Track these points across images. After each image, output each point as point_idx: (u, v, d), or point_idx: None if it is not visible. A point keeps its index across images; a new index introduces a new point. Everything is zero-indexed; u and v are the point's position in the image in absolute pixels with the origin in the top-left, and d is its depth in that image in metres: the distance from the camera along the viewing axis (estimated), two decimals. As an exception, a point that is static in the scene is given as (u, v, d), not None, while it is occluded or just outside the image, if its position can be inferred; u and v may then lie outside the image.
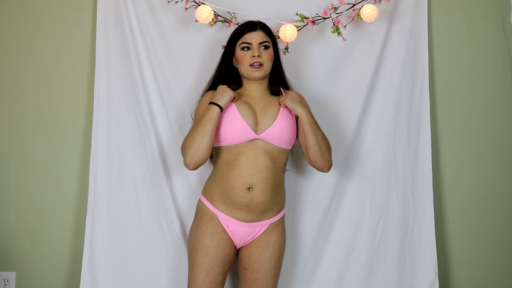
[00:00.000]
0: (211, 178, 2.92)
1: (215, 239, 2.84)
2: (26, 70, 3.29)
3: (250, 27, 2.90)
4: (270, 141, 2.85)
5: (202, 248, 2.84)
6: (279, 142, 2.86)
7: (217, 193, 2.87)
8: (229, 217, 2.86)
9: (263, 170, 2.83)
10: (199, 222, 2.89)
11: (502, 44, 3.35)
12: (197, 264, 2.83)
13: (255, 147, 2.84)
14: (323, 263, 3.19)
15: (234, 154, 2.84)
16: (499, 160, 3.36)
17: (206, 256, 2.83)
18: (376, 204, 3.21)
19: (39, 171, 3.27)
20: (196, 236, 2.87)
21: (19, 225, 3.27)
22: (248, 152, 2.83)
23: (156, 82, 3.19)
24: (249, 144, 2.84)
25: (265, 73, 2.91)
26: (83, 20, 3.28)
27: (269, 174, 2.84)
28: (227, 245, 2.86)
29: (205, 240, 2.84)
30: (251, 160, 2.83)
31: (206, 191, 2.92)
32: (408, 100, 3.25)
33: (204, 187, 2.94)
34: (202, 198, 2.92)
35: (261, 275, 2.89)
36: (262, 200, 2.84)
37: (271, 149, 2.86)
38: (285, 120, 2.88)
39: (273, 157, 2.86)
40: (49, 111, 3.28)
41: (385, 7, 3.20)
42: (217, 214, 2.87)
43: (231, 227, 2.87)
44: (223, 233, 2.86)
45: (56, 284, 3.25)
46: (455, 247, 3.34)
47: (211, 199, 2.88)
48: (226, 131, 2.83)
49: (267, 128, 2.86)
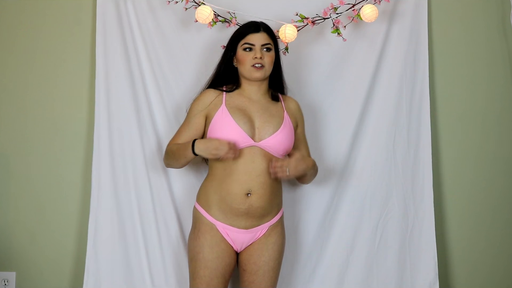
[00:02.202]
0: (207, 184, 2.90)
1: (214, 251, 2.83)
2: (26, 70, 3.29)
3: (253, 28, 2.89)
4: (268, 150, 2.85)
5: (201, 261, 2.83)
6: (276, 151, 2.86)
7: (215, 200, 2.86)
8: (228, 226, 2.85)
9: (261, 174, 2.83)
10: (197, 232, 2.87)
11: (502, 44, 3.35)
12: (197, 276, 2.83)
13: (253, 151, 2.84)
14: (323, 263, 3.18)
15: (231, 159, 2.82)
16: (499, 160, 3.36)
17: (206, 268, 2.83)
18: (376, 204, 3.21)
19: (39, 171, 3.27)
20: (195, 247, 2.86)
21: (19, 225, 3.27)
22: (246, 156, 2.82)
23: (156, 82, 3.19)
24: (246, 149, 2.83)
25: (266, 75, 2.90)
26: (83, 20, 3.28)
27: (267, 178, 2.84)
28: (227, 255, 2.86)
29: (204, 252, 2.83)
30: (249, 164, 2.82)
31: (202, 199, 2.90)
32: (408, 100, 3.24)
33: (200, 193, 2.92)
34: (198, 207, 2.90)
35: (260, 277, 2.88)
36: (261, 205, 2.84)
37: (268, 155, 2.86)
38: (286, 133, 2.88)
39: (271, 161, 2.84)
40: (49, 111, 3.28)
41: (385, 7, 3.20)
42: (215, 223, 2.86)
43: (231, 235, 2.86)
44: (223, 243, 2.85)
45: (56, 284, 3.25)
46: (455, 247, 3.34)
47: (207, 208, 2.87)
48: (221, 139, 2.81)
49: (268, 137, 2.85)
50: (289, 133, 2.90)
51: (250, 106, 2.90)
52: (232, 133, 2.81)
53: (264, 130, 2.86)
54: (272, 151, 2.86)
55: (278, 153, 2.87)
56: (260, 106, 2.91)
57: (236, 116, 2.84)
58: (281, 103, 2.97)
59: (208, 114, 2.90)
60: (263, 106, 2.91)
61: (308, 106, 3.21)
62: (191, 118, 2.92)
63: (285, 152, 2.91)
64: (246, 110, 2.88)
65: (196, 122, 2.91)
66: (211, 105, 2.89)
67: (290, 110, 2.98)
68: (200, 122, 2.90)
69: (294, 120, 2.97)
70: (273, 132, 2.86)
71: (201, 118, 2.90)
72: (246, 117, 2.86)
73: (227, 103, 2.88)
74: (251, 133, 2.85)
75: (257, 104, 2.91)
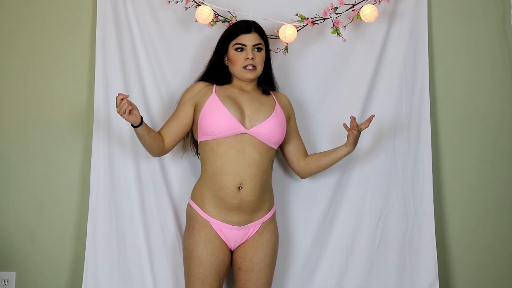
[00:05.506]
0: (201, 182, 2.93)
1: (208, 247, 2.85)
2: (26, 70, 3.29)
3: (244, 28, 2.92)
4: (259, 137, 2.87)
5: (196, 258, 2.85)
6: (267, 139, 2.88)
7: (209, 197, 2.88)
8: (222, 222, 2.87)
9: (252, 165, 2.85)
10: (191, 230, 2.89)
11: (502, 44, 3.35)
12: (192, 273, 2.85)
13: (244, 140, 2.86)
14: (323, 263, 3.18)
15: (222, 149, 2.85)
16: (499, 160, 3.36)
17: (200, 265, 2.84)
18: (376, 204, 3.21)
19: (39, 171, 3.27)
20: (190, 244, 2.88)
21: (19, 225, 3.27)
22: (237, 145, 2.85)
23: (156, 82, 3.19)
24: (237, 137, 2.85)
25: (257, 75, 2.94)
26: (83, 20, 3.28)
27: (257, 170, 2.86)
28: (221, 252, 2.87)
29: (199, 249, 2.85)
30: (240, 154, 2.85)
31: (196, 197, 2.92)
32: (408, 100, 3.24)
33: (194, 191, 2.95)
34: (193, 204, 2.92)
35: (256, 274, 2.90)
36: (252, 199, 2.86)
37: (260, 144, 2.87)
38: (277, 120, 2.91)
39: (262, 152, 2.88)
40: (49, 111, 3.27)
41: (385, 7, 3.20)
42: (209, 220, 2.88)
43: (225, 232, 2.88)
44: (217, 240, 2.87)
45: (56, 284, 3.25)
46: (455, 247, 3.34)
47: (202, 205, 2.89)
48: (212, 125, 2.85)
49: (258, 124, 2.88)
50: (280, 121, 2.92)
51: (240, 96, 2.94)
52: (223, 120, 2.84)
53: (254, 118, 2.89)
54: (264, 139, 2.88)
55: (270, 141, 2.89)
56: (251, 96, 2.95)
57: (227, 103, 2.88)
58: (272, 96, 3.01)
59: (197, 103, 2.93)
60: (253, 97, 2.96)
61: (308, 106, 3.21)
62: (179, 107, 2.96)
63: (278, 141, 2.93)
64: (237, 99, 2.92)
65: (184, 111, 2.93)
66: (200, 94, 2.93)
67: (282, 102, 3.02)
68: (187, 111, 2.93)
69: (286, 111, 3.01)
70: (264, 119, 2.89)
71: (189, 107, 2.93)
72: (237, 105, 2.90)
73: (217, 92, 2.92)
74: (242, 120, 2.88)
75: (248, 95, 2.95)
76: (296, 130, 3.08)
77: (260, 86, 3.03)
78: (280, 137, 2.93)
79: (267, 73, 3.01)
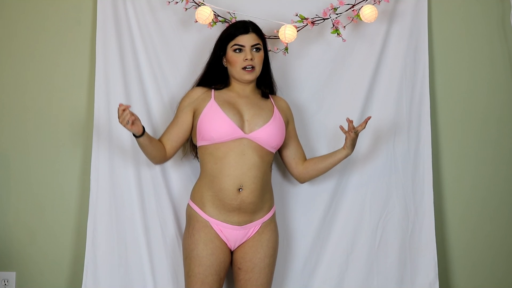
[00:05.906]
0: (200, 182, 2.93)
1: (208, 247, 2.85)
2: (26, 70, 3.29)
3: (242, 29, 2.92)
4: (258, 142, 2.87)
5: (196, 258, 2.85)
6: (266, 144, 2.89)
7: (209, 197, 2.88)
8: (222, 222, 2.87)
9: (252, 167, 2.85)
10: (191, 230, 2.90)
11: (502, 44, 3.35)
12: (192, 274, 2.85)
13: (244, 143, 2.86)
14: (323, 263, 3.18)
15: (222, 152, 2.85)
16: (499, 160, 3.36)
17: (200, 265, 2.84)
18: (376, 204, 3.21)
19: (39, 171, 3.27)
20: (190, 245, 2.88)
21: (19, 225, 3.27)
22: (236, 149, 2.85)
23: (156, 82, 3.19)
24: (237, 141, 2.86)
25: (256, 76, 2.94)
26: (83, 20, 3.28)
27: (258, 172, 2.86)
28: (221, 252, 2.88)
29: (199, 249, 2.85)
30: (240, 157, 2.85)
31: (196, 197, 2.92)
32: (408, 100, 3.24)
33: (194, 191, 2.95)
34: (192, 205, 2.93)
35: (256, 274, 2.90)
36: (252, 200, 2.86)
37: (259, 148, 2.88)
38: (276, 125, 2.92)
39: (262, 155, 2.88)
40: (49, 111, 3.28)
41: (385, 7, 3.20)
42: (209, 220, 2.88)
43: (225, 231, 2.88)
44: (217, 240, 2.87)
45: (56, 284, 3.25)
46: (455, 247, 3.34)
47: (201, 205, 2.89)
48: (211, 131, 2.85)
49: (258, 129, 2.88)
50: (279, 126, 2.93)
51: (239, 100, 2.94)
52: (222, 125, 2.85)
53: (253, 122, 2.90)
54: (263, 143, 2.88)
55: (270, 145, 2.90)
56: (249, 101, 2.95)
57: (225, 109, 2.88)
58: (270, 100, 3.01)
59: (196, 109, 2.93)
60: (252, 101, 2.96)
61: (307, 106, 3.22)
62: (178, 113, 2.96)
63: (277, 146, 2.93)
64: (235, 104, 2.92)
65: (183, 117, 2.94)
66: (198, 100, 2.94)
67: (280, 107, 3.02)
68: (186, 117, 2.94)
69: (284, 116, 3.01)
70: (263, 124, 2.90)
71: (188, 113, 2.94)
72: (235, 110, 2.90)
73: (216, 98, 2.92)
74: (241, 125, 2.88)
75: (246, 99, 2.95)
76: (295, 135, 3.08)
77: (259, 88, 3.03)
78: (279, 141, 2.93)
79: (266, 73, 3.01)
